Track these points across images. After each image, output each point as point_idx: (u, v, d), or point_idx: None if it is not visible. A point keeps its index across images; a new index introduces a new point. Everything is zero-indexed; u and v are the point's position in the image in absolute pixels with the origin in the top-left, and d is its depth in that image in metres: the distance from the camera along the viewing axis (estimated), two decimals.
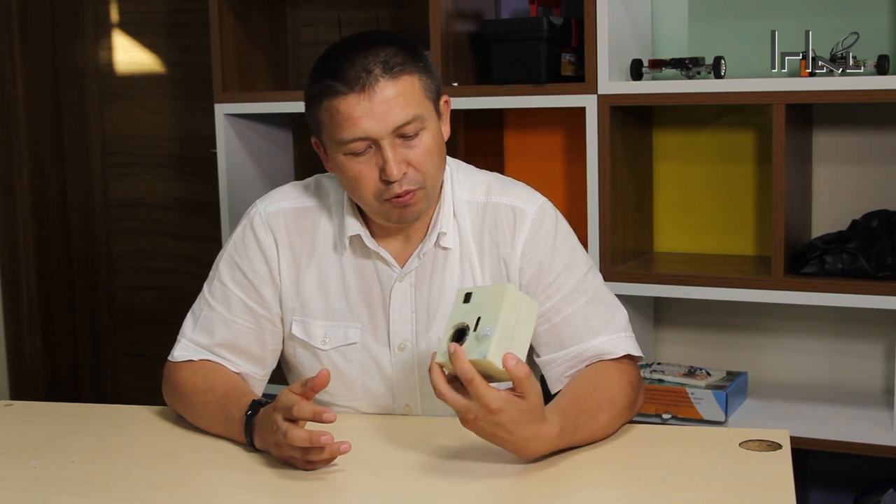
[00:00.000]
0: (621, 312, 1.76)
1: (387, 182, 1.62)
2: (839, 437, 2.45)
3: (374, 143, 1.62)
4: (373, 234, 1.75)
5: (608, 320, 1.73)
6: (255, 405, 1.59)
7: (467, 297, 1.49)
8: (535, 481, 1.46)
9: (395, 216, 1.68)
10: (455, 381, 1.45)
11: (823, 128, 2.64)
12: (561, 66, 2.64)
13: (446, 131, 1.73)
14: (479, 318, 1.46)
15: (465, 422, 1.45)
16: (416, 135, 1.63)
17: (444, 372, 1.46)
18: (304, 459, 1.49)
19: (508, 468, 1.50)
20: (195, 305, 1.81)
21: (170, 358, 1.79)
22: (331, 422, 1.45)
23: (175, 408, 1.76)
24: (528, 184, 1.84)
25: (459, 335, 1.46)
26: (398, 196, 1.64)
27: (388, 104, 1.59)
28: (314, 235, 1.77)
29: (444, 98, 1.72)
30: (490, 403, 1.42)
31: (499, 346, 1.43)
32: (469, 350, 1.43)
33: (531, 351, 1.79)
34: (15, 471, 1.56)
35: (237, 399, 1.64)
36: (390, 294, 1.75)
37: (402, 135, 1.62)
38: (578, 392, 1.63)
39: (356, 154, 1.63)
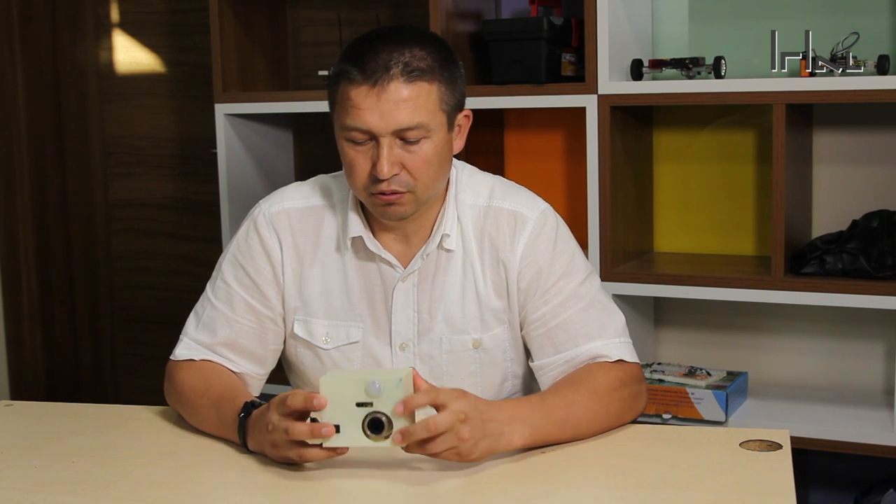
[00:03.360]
0: (618, 318, 1.76)
1: (376, 178, 1.63)
2: (839, 437, 2.45)
3: (374, 138, 1.62)
4: (375, 234, 1.75)
5: (604, 326, 1.73)
6: (248, 407, 1.59)
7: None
8: (534, 481, 1.46)
9: (379, 212, 1.69)
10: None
11: (823, 128, 2.64)
12: (561, 66, 2.64)
13: (458, 145, 1.72)
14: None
15: (460, 439, 1.45)
16: (417, 142, 1.62)
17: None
18: (303, 457, 1.48)
19: (508, 468, 1.50)
20: (198, 305, 1.82)
21: (172, 357, 1.79)
22: (321, 408, 1.44)
23: (175, 407, 1.76)
24: (528, 184, 1.84)
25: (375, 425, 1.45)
26: (383, 193, 1.64)
27: (396, 105, 1.59)
28: (318, 235, 1.78)
29: (464, 112, 1.71)
30: (458, 394, 1.46)
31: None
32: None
33: (526, 355, 1.80)
34: (15, 471, 1.56)
35: (230, 401, 1.63)
36: (392, 294, 1.75)
37: (402, 137, 1.62)
38: (556, 385, 1.68)
39: (355, 142, 1.64)
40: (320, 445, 1.46)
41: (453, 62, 1.67)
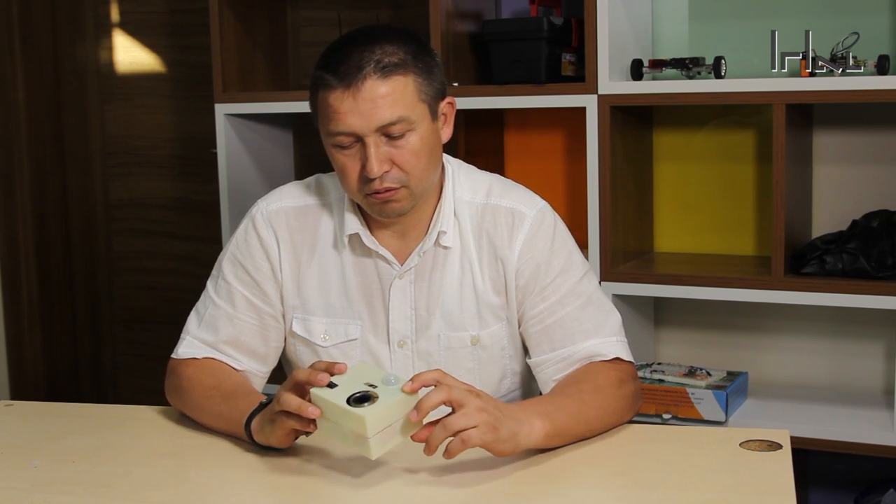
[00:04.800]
0: (615, 317, 1.77)
1: (367, 178, 1.63)
2: (839, 437, 2.45)
3: (359, 139, 1.62)
4: (371, 232, 1.75)
5: (601, 324, 1.74)
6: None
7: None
8: (534, 481, 1.46)
9: (376, 211, 1.69)
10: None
11: (823, 128, 2.64)
12: (561, 66, 2.64)
13: (447, 134, 1.73)
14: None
15: (479, 410, 1.44)
16: (402, 136, 1.63)
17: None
18: (278, 401, 1.48)
19: (508, 468, 1.50)
20: (199, 304, 1.82)
21: (173, 355, 1.80)
22: (323, 384, 1.45)
23: (176, 403, 1.76)
24: (528, 184, 1.84)
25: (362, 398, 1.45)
26: (378, 192, 1.64)
27: (375, 103, 1.60)
28: (315, 233, 1.78)
29: (447, 100, 1.72)
30: (470, 388, 1.47)
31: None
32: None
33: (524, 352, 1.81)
34: (15, 471, 1.56)
35: (244, 397, 1.64)
36: (390, 291, 1.75)
37: (386, 134, 1.62)
38: (560, 385, 1.68)
39: (342, 147, 1.64)
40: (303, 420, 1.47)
41: (427, 52, 1.67)
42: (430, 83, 1.66)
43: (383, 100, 1.60)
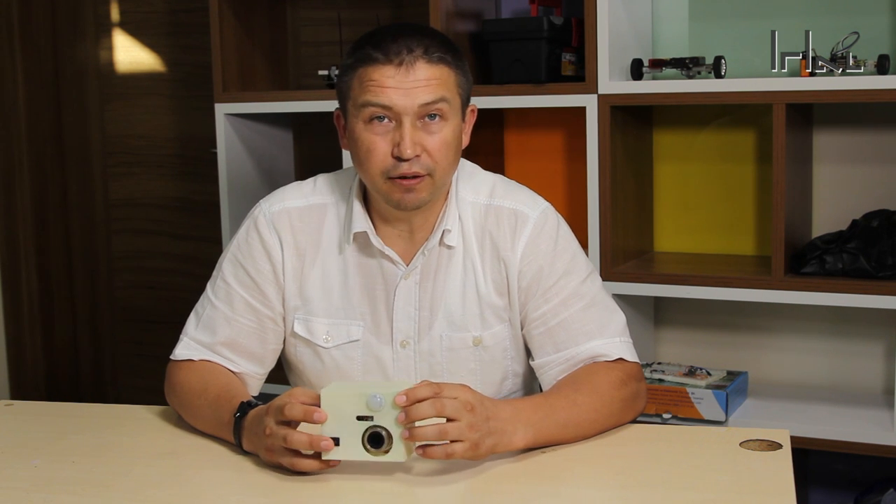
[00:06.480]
0: (619, 318, 1.76)
1: (398, 159, 1.63)
2: (839, 437, 2.45)
3: (396, 119, 1.62)
4: (377, 232, 1.75)
5: (604, 325, 1.73)
6: (244, 407, 1.59)
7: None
8: (534, 481, 1.47)
9: (396, 198, 1.66)
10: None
11: (823, 128, 2.64)
12: (561, 65, 2.64)
13: (465, 140, 1.74)
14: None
15: (470, 427, 1.45)
16: (437, 122, 1.64)
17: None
18: (295, 466, 1.48)
19: (508, 468, 1.50)
20: (198, 305, 1.82)
21: (172, 357, 1.79)
22: (321, 422, 1.45)
23: (174, 407, 1.76)
24: (528, 184, 1.84)
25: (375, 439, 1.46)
26: (404, 177, 1.64)
27: (420, 83, 1.62)
28: (319, 234, 1.78)
29: (470, 106, 1.74)
30: (463, 389, 1.48)
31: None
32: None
33: (527, 354, 1.81)
34: (15, 471, 1.56)
35: (227, 401, 1.64)
36: (395, 292, 1.75)
37: (426, 114, 1.63)
38: (558, 385, 1.68)
39: (377, 120, 1.63)
40: (312, 460, 1.47)
41: (462, 58, 1.72)
42: (465, 82, 1.70)
43: (429, 82, 1.63)
